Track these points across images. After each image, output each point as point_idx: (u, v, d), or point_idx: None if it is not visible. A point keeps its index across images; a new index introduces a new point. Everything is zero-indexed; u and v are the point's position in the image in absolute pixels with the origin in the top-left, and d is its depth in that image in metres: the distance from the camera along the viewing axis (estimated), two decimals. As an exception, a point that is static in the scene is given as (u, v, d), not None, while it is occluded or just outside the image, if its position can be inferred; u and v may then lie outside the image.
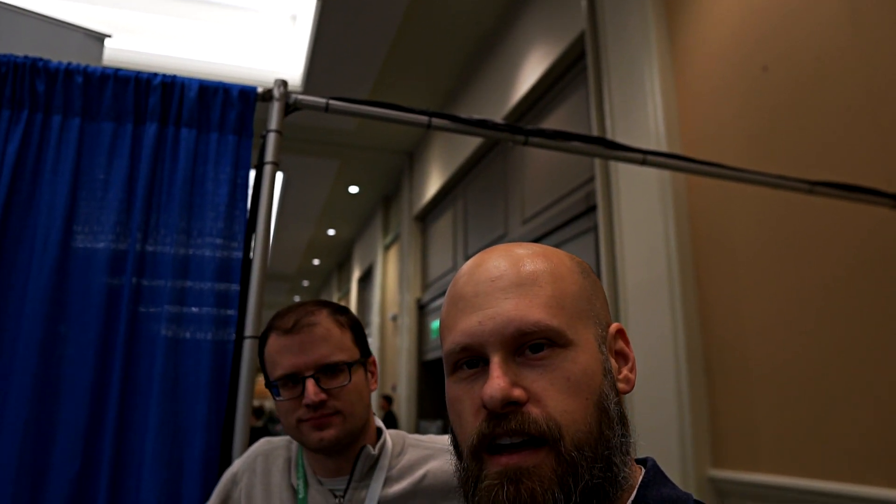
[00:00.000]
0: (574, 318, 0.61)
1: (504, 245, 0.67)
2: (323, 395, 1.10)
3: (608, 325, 0.66)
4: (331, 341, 1.14)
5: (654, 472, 0.63)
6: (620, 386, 0.64)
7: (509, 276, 0.62)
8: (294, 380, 1.13)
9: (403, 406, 8.02)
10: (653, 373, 3.01)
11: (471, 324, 0.61)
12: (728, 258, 2.87)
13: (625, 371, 0.65)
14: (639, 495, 0.60)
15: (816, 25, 2.55)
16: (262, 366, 1.21)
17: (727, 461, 2.78)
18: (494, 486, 0.56)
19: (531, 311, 0.60)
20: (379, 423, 1.26)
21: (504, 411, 0.57)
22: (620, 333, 0.67)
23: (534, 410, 0.57)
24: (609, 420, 0.59)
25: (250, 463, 1.23)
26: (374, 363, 1.24)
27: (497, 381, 0.57)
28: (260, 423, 9.96)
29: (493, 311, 0.60)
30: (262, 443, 1.27)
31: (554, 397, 0.58)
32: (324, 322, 1.15)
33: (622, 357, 0.66)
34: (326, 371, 1.13)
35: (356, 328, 1.22)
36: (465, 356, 0.62)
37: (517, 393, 0.57)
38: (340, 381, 1.13)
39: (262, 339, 1.19)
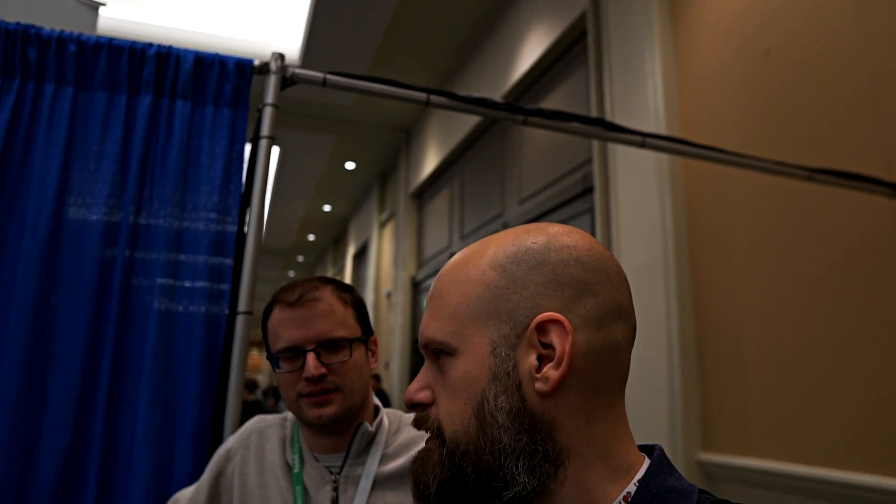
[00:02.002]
0: (466, 325, 0.63)
1: (471, 245, 0.69)
2: (323, 370, 1.12)
3: (529, 319, 0.61)
4: (333, 317, 1.15)
5: (661, 462, 0.62)
6: (538, 385, 0.59)
7: (433, 288, 0.69)
8: (295, 353, 1.14)
9: (396, 383, 8.06)
10: (645, 356, 3.02)
11: None
12: (724, 243, 2.86)
13: (546, 368, 0.60)
14: (643, 484, 0.59)
15: (819, 8, 2.52)
16: (264, 337, 1.21)
17: (717, 445, 2.80)
18: (412, 459, 0.67)
19: (428, 326, 0.66)
20: (376, 401, 1.27)
21: (414, 410, 0.68)
22: (553, 324, 0.60)
23: (432, 411, 0.65)
24: (491, 424, 0.60)
25: (244, 440, 1.24)
26: (375, 342, 1.26)
27: (410, 386, 0.67)
28: (253, 398, 10.01)
29: (421, 323, 0.69)
30: (256, 420, 1.28)
31: (443, 400, 0.64)
32: (327, 298, 1.16)
33: (552, 351, 0.60)
34: (328, 346, 1.14)
35: (359, 306, 1.23)
36: None
37: (419, 396, 0.66)
38: (341, 357, 1.15)
39: (265, 312, 1.21)
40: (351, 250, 12.82)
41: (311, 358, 1.12)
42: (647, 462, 0.63)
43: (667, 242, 3.01)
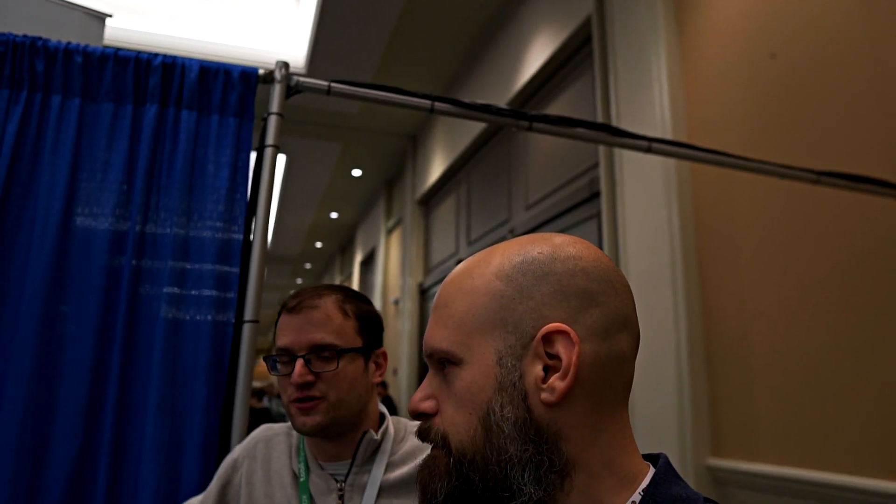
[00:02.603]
0: (472, 335, 0.63)
1: (475, 254, 0.69)
2: (309, 377, 1.12)
3: (535, 329, 0.61)
4: (328, 326, 1.15)
5: (666, 470, 0.62)
6: (544, 396, 0.59)
7: (437, 298, 0.68)
8: (290, 357, 1.15)
9: (404, 390, 8.05)
10: (653, 361, 3.01)
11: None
12: (731, 247, 2.85)
13: (553, 379, 0.59)
14: (648, 493, 0.59)
15: (825, 10, 2.51)
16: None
17: (726, 450, 2.78)
18: (419, 467, 0.67)
19: (433, 335, 0.66)
20: (382, 408, 1.27)
21: (418, 420, 0.67)
22: (559, 334, 0.60)
23: (436, 421, 0.65)
24: (498, 435, 0.60)
25: (251, 449, 1.24)
26: (383, 355, 1.25)
27: (414, 395, 0.67)
28: (262, 405, 10.01)
29: (425, 333, 0.68)
30: (263, 429, 1.28)
31: (448, 410, 0.64)
32: (326, 307, 1.17)
33: (558, 361, 0.60)
34: (318, 354, 1.14)
35: (365, 318, 1.22)
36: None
37: (424, 406, 0.66)
38: (330, 367, 1.14)
39: (278, 316, 1.22)
40: (358, 257, 12.83)
41: (298, 364, 1.13)
42: (651, 471, 0.62)
43: (674, 246, 3.00)
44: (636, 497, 0.59)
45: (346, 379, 1.15)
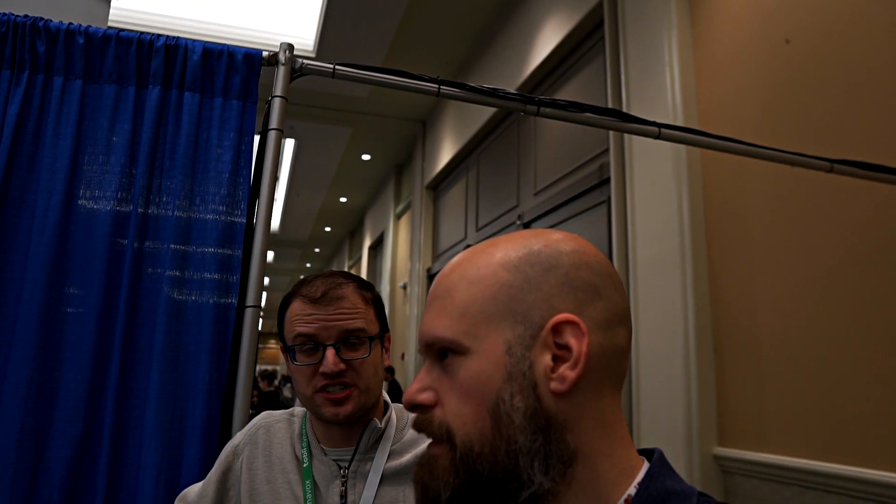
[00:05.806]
0: (479, 324, 0.62)
1: (472, 247, 0.69)
2: (342, 366, 1.13)
3: (544, 320, 0.61)
4: (356, 315, 1.17)
5: (660, 465, 0.62)
6: (553, 385, 0.60)
7: (436, 288, 0.67)
8: (314, 347, 1.15)
9: (412, 375, 8.08)
10: (661, 349, 2.99)
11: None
12: (741, 235, 2.82)
13: (562, 368, 0.60)
14: (642, 486, 0.60)
15: (843, -4, 2.46)
16: (279, 329, 1.22)
17: (733, 440, 2.76)
18: (416, 465, 0.67)
19: (434, 324, 0.65)
20: (385, 396, 1.28)
21: (414, 412, 0.66)
22: (569, 325, 0.61)
23: (437, 413, 0.64)
24: (507, 425, 0.60)
25: (251, 435, 1.24)
26: (388, 339, 1.28)
27: (410, 387, 0.66)
28: (272, 388, 10.08)
29: (422, 322, 0.67)
30: (264, 416, 1.29)
31: (451, 402, 0.63)
32: (351, 296, 1.18)
33: (566, 351, 0.61)
34: (347, 342, 1.15)
35: (378, 304, 1.25)
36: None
37: (421, 397, 0.65)
38: (360, 354, 1.16)
39: (283, 304, 1.22)
40: (367, 242, 12.85)
41: (330, 353, 1.13)
42: (646, 465, 0.63)
43: (683, 234, 2.97)
44: (632, 490, 0.60)
45: (371, 365, 1.17)
